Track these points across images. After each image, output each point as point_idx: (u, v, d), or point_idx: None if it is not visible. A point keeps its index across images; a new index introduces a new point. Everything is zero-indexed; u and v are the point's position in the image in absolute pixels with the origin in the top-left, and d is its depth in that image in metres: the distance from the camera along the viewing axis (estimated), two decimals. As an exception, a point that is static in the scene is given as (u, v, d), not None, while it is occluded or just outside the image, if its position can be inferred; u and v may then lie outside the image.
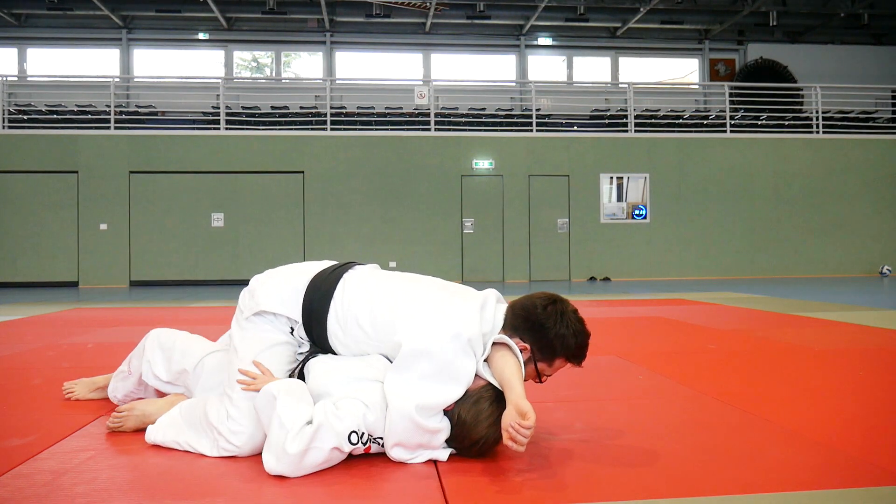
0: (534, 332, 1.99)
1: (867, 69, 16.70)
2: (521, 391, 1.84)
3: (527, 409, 1.77)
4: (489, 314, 2.04)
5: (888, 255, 13.34)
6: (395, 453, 1.88)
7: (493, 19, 15.56)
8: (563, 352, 2.00)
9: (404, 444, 1.87)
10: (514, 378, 1.87)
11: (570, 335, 1.99)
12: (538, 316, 2.00)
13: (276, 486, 1.77)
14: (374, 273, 2.22)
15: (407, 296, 2.07)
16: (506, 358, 1.94)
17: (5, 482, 1.79)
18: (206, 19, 15.40)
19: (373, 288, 2.11)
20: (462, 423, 1.88)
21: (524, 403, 1.79)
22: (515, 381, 1.86)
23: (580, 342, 2.01)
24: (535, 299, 2.05)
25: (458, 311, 1.99)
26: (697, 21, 16.12)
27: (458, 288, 2.17)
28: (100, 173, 12.21)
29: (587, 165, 12.99)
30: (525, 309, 2.03)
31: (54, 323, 5.82)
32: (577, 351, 2.01)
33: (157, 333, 2.51)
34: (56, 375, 3.35)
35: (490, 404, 1.89)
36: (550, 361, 2.02)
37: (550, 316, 1.99)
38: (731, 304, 7.13)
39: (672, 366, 3.50)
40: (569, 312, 2.01)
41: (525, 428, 1.74)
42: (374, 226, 12.62)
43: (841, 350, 3.99)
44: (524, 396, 1.82)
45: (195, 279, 12.32)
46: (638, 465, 1.90)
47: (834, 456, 1.97)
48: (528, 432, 1.75)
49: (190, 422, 2.07)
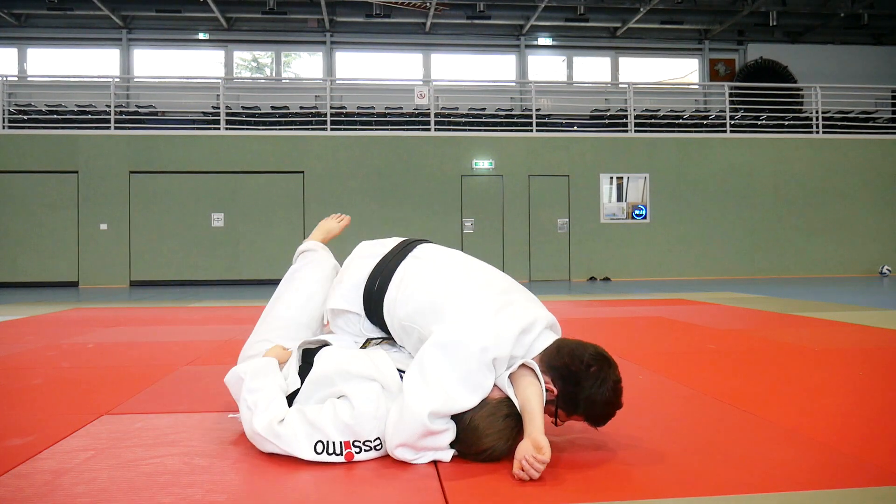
0: (567, 382, 1.93)
1: (867, 69, 16.70)
2: (540, 425, 1.82)
3: (544, 444, 1.77)
4: (528, 339, 1.99)
5: (888, 255, 13.34)
6: (399, 453, 1.87)
7: (493, 19, 15.56)
8: (585, 413, 1.94)
9: (410, 444, 1.86)
10: (535, 410, 1.85)
11: (601, 404, 1.92)
12: (580, 371, 1.92)
13: (274, 485, 1.77)
14: (434, 261, 2.19)
15: (457, 293, 2.05)
16: (532, 387, 1.91)
17: (5, 482, 1.79)
18: (206, 19, 15.40)
19: (428, 280, 2.12)
20: (474, 428, 1.87)
21: (542, 438, 1.78)
22: (536, 414, 1.84)
23: (606, 412, 1.94)
24: (585, 352, 1.96)
25: (499, 325, 1.95)
26: (697, 21, 16.13)
27: (516, 296, 2.11)
28: (100, 173, 12.21)
29: (587, 165, 12.99)
30: (571, 357, 1.95)
31: (54, 323, 5.82)
32: (599, 419, 1.96)
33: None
34: (56, 375, 3.35)
35: (506, 418, 1.88)
36: (570, 414, 1.97)
37: (591, 378, 1.91)
38: (731, 304, 7.13)
39: (672, 366, 3.50)
40: (610, 380, 1.92)
41: (539, 462, 1.74)
42: (375, 226, 12.59)
43: (841, 350, 3.99)
44: (542, 431, 1.80)
45: (195, 279, 12.32)
46: (638, 465, 1.90)
47: (834, 456, 1.97)
48: (542, 467, 1.75)
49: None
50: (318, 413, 1.93)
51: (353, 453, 1.89)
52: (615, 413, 1.95)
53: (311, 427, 1.91)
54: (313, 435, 1.90)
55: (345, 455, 1.89)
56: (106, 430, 2.27)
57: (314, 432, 1.90)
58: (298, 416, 1.94)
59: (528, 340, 1.98)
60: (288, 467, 1.88)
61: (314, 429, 1.90)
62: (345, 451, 1.89)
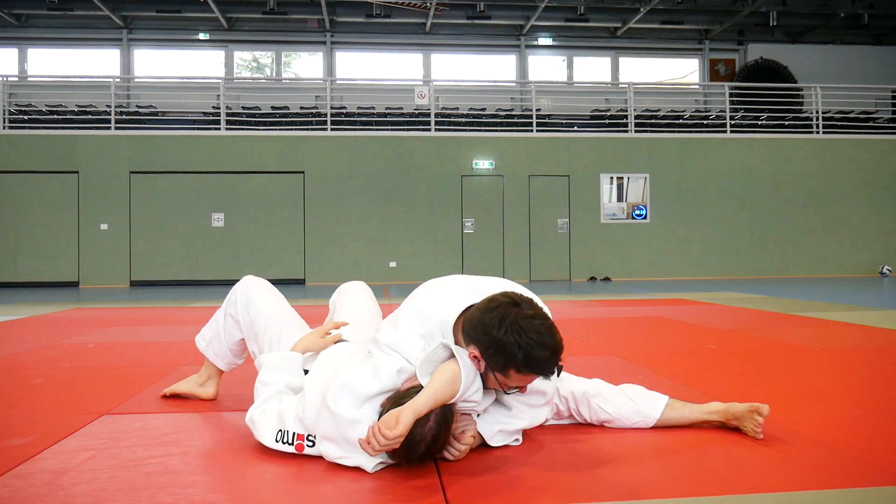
0: (479, 337, 1.74)
1: (867, 69, 16.70)
2: (419, 403, 1.67)
3: (403, 420, 1.63)
4: (431, 312, 1.88)
5: (888, 255, 13.34)
6: (324, 448, 1.84)
7: (493, 19, 15.57)
8: (512, 363, 1.71)
9: (331, 438, 1.81)
10: (428, 388, 1.70)
11: (514, 344, 1.68)
12: (484, 319, 1.74)
13: (273, 484, 1.77)
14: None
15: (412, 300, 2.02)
16: (443, 367, 1.76)
17: (5, 482, 1.79)
18: (206, 19, 15.40)
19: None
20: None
21: (406, 414, 1.64)
22: (425, 393, 1.69)
23: (532, 356, 1.69)
24: (487, 301, 1.78)
25: (403, 312, 1.92)
26: (697, 21, 16.13)
27: (457, 292, 1.94)
28: (100, 173, 12.21)
29: (587, 165, 12.99)
30: (478, 310, 1.78)
31: (54, 323, 5.82)
32: (526, 364, 1.70)
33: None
34: (56, 375, 3.35)
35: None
36: (504, 372, 1.75)
37: (495, 320, 1.71)
38: (732, 304, 7.13)
39: (672, 366, 3.50)
40: (524, 318, 1.70)
41: (384, 436, 1.62)
42: (375, 226, 12.62)
43: (841, 350, 3.99)
44: (416, 410, 1.66)
45: (195, 279, 12.33)
46: (638, 465, 1.90)
47: (834, 456, 1.97)
48: (385, 442, 1.62)
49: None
50: (288, 404, 1.97)
51: (305, 446, 1.90)
52: (546, 352, 1.70)
53: (279, 416, 1.96)
54: (277, 424, 1.95)
55: (296, 446, 1.91)
56: (106, 430, 2.27)
57: (279, 421, 1.95)
58: (275, 405, 2.00)
59: (427, 313, 1.87)
60: (288, 466, 1.88)
61: (280, 418, 1.95)
62: (296, 443, 1.91)
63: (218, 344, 2.55)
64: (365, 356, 1.95)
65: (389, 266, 12.55)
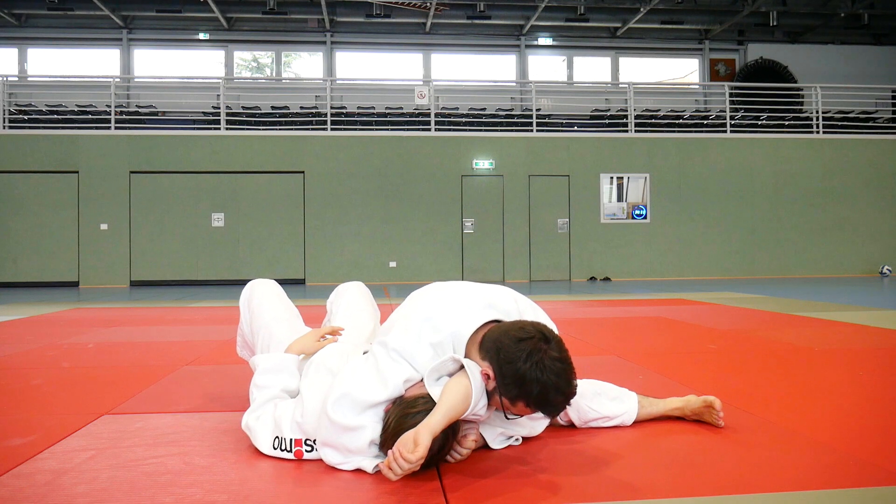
0: (501, 363, 1.73)
1: (867, 69, 16.71)
2: (434, 422, 1.67)
3: (422, 441, 1.62)
4: (442, 321, 1.87)
5: (888, 255, 13.34)
6: (325, 454, 1.84)
7: (493, 19, 15.57)
8: (524, 396, 1.72)
9: (332, 444, 1.81)
10: (442, 404, 1.70)
11: (535, 383, 1.68)
12: (509, 348, 1.73)
13: (273, 484, 1.77)
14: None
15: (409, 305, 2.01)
16: (455, 382, 1.76)
17: (5, 482, 1.79)
18: (206, 19, 15.41)
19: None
20: (386, 428, 1.78)
21: (424, 435, 1.63)
22: (440, 409, 1.69)
23: (543, 394, 1.70)
24: (518, 328, 1.78)
25: (408, 320, 1.90)
26: (697, 21, 16.13)
27: (459, 305, 1.92)
28: (100, 173, 12.21)
29: (587, 165, 12.99)
30: (504, 334, 1.77)
31: (54, 323, 5.82)
32: (538, 403, 1.72)
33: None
34: (56, 375, 3.35)
35: (418, 415, 1.74)
36: (512, 402, 1.75)
37: (522, 354, 1.70)
38: (731, 304, 7.13)
39: (672, 366, 3.49)
40: (551, 359, 1.70)
41: (406, 460, 1.61)
42: (375, 226, 12.61)
43: (841, 350, 3.99)
44: (433, 429, 1.66)
45: (195, 279, 12.33)
46: (638, 465, 1.90)
47: (834, 456, 1.97)
48: (408, 466, 1.62)
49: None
50: (284, 409, 1.96)
51: (303, 451, 1.89)
52: (560, 397, 1.72)
53: (275, 423, 1.95)
54: (274, 430, 1.94)
55: (294, 452, 1.90)
56: (106, 430, 2.27)
57: (276, 428, 1.94)
58: (271, 410, 1.99)
59: (440, 323, 1.85)
60: (288, 466, 1.88)
61: (276, 425, 1.94)
62: (294, 449, 1.90)
63: (247, 350, 2.55)
64: (366, 357, 1.93)
65: (389, 266, 12.55)
